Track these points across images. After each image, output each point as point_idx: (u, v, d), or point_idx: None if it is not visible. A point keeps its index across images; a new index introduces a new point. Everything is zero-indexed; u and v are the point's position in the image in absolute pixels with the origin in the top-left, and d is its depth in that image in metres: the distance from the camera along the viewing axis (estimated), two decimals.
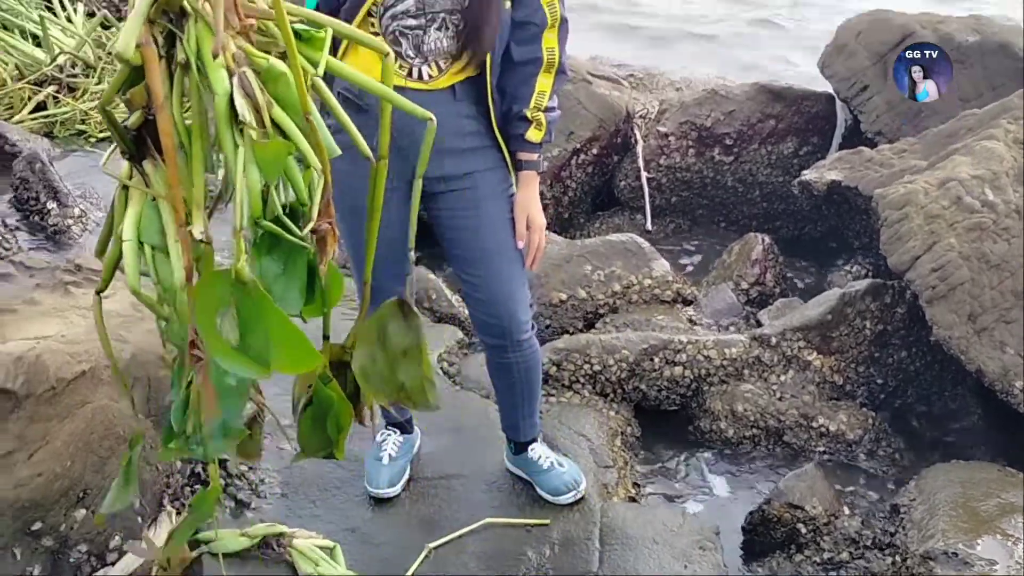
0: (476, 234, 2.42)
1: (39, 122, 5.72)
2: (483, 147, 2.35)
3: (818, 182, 4.07)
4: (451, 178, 2.36)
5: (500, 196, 2.41)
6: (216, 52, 1.50)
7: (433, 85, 2.26)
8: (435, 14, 2.18)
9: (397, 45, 2.21)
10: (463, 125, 2.31)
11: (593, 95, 4.78)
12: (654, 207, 4.78)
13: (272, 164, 1.55)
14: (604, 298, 3.82)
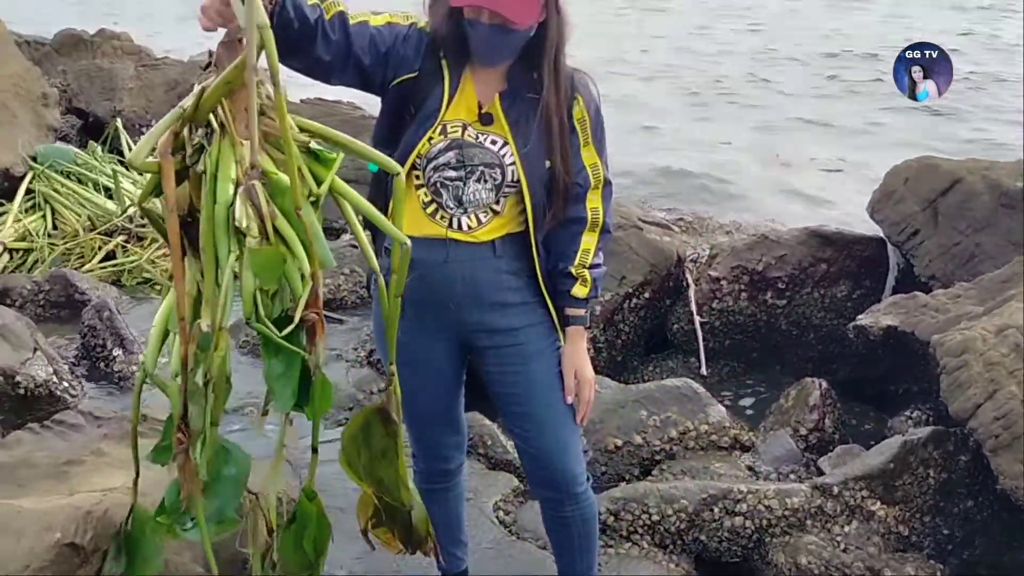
0: (525, 390, 2.44)
1: (108, 271, 5.93)
2: (527, 303, 2.38)
3: (874, 327, 4.06)
4: (496, 331, 2.39)
5: (547, 352, 2.43)
6: (253, 163, 1.65)
7: (473, 237, 2.31)
8: (474, 167, 2.26)
9: (438, 196, 2.28)
10: (503, 280, 2.35)
11: (644, 240, 4.86)
12: (708, 351, 4.78)
13: (266, 269, 1.66)
14: (660, 444, 3.80)
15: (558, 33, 2.23)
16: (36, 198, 6.49)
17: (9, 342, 4.15)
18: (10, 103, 7.19)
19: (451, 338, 2.44)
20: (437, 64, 2.26)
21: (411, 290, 2.36)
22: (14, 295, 5.36)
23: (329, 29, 2.13)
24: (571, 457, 2.49)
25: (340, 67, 2.20)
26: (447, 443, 2.64)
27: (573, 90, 2.29)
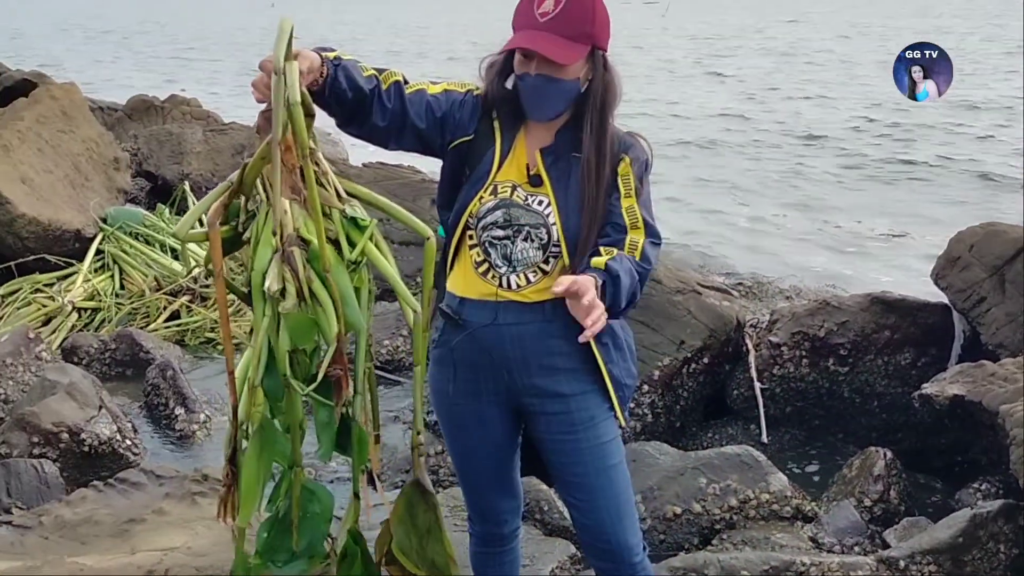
0: (576, 459, 2.41)
1: (172, 330, 6.04)
2: (577, 369, 2.36)
3: (940, 396, 3.97)
4: (545, 395, 2.38)
5: (599, 421, 2.40)
6: (285, 232, 1.83)
7: (525, 297, 2.32)
8: (520, 227, 2.29)
9: (487, 255, 2.32)
10: (553, 345, 2.34)
11: (703, 305, 4.83)
12: (768, 418, 4.70)
13: (299, 331, 1.83)
14: (720, 513, 3.74)
15: (603, 91, 2.27)
16: (105, 258, 6.68)
17: (76, 400, 4.24)
18: (83, 167, 7.44)
19: (503, 402, 2.44)
20: (490, 126, 2.34)
21: (462, 351, 2.39)
22: (81, 353, 5.48)
23: (386, 98, 2.23)
24: (626, 527, 2.45)
25: (397, 133, 2.29)
26: (502, 507, 2.63)
27: (621, 150, 2.31)
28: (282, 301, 1.83)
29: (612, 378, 2.36)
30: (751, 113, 18.64)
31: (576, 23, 2.19)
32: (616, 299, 2.15)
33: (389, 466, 4.33)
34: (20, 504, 3.52)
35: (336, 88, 2.12)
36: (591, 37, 2.22)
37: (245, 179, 1.90)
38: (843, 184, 12.37)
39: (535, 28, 2.19)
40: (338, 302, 1.86)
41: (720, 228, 9.96)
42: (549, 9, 2.18)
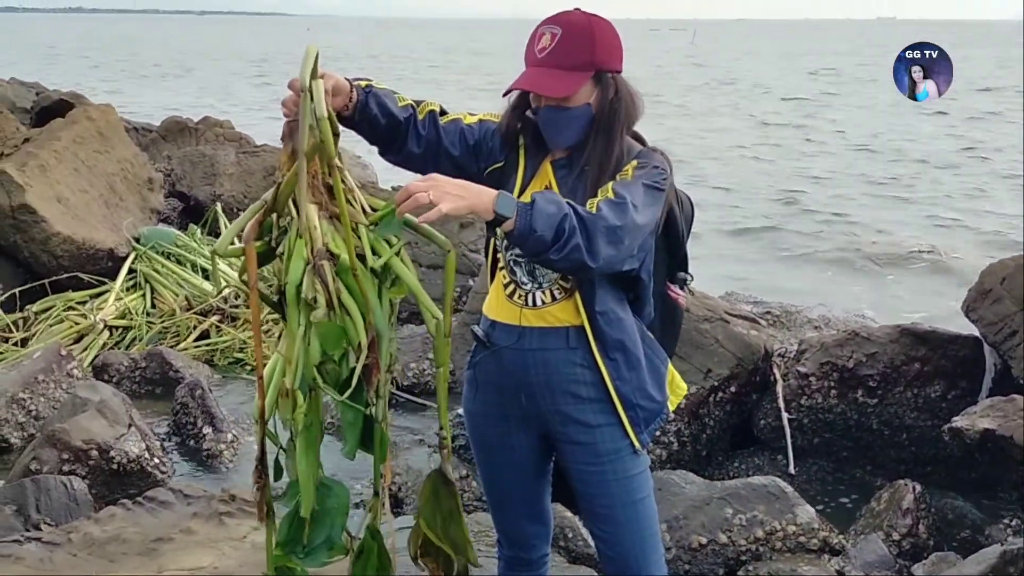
0: (602, 491, 2.40)
1: (202, 350, 6.08)
2: (601, 399, 2.35)
3: (970, 430, 3.93)
4: (569, 421, 2.37)
5: (624, 454, 2.38)
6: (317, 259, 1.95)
7: (546, 320, 2.33)
8: None
9: (513, 274, 2.35)
10: (577, 373, 2.33)
11: (731, 334, 4.82)
12: (796, 448, 4.67)
13: (329, 339, 1.96)
14: (746, 544, 3.71)
15: (611, 110, 2.28)
16: (137, 277, 6.75)
17: (106, 417, 4.28)
18: (118, 186, 7.54)
19: (530, 427, 2.44)
20: (517, 154, 2.38)
21: (489, 373, 2.42)
22: (112, 371, 5.54)
23: (421, 127, 2.32)
24: (651, 562, 2.44)
25: (433, 159, 2.35)
26: (529, 532, 2.62)
27: (630, 159, 2.28)
28: (314, 310, 1.95)
29: (620, 396, 2.34)
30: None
31: (573, 54, 2.23)
32: (532, 223, 2.02)
33: (414, 489, 4.34)
34: (49, 520, 3.55)
35: (367, 113, 2.21)
36: (592, 64, 2.24)
37: (279, 197, 2.01)
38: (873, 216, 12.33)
39: (535, 65, 2.25)
40: (367, 310, 1.98)
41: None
42: (546, 44, 2.24)
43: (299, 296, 1.95)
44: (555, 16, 2.28)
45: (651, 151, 2.34)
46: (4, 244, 6.72)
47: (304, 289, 1.95)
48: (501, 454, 2.50)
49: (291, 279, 1.95)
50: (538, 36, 2.26)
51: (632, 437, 2.36)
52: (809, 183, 15.60)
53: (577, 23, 2.24)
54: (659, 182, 2.26)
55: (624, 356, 2.34)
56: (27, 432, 4.80)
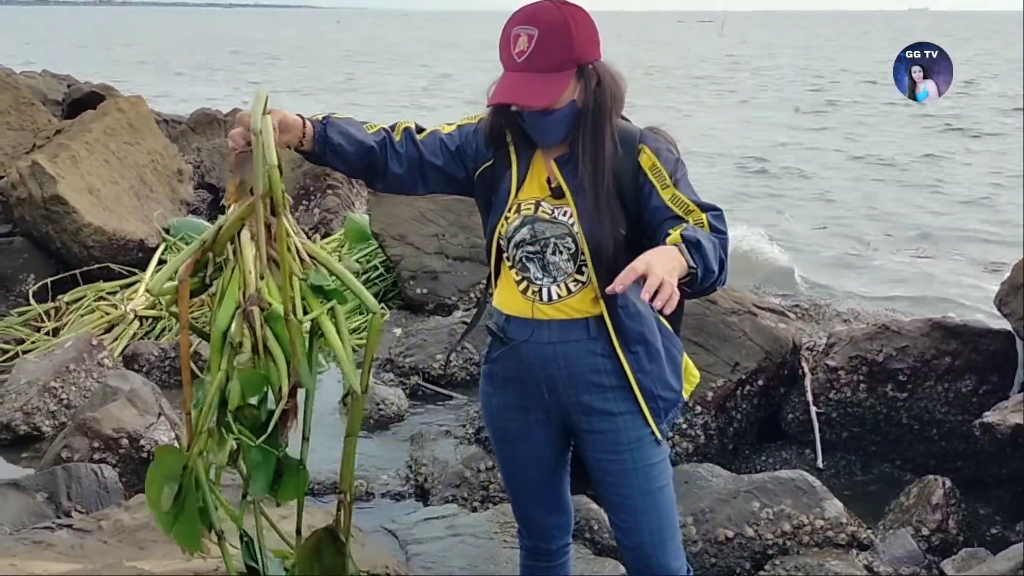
0: (621, 479, 2.41)
1: None
2: (624, 387, 2.34)
3: (1001, 424, 3.88)
4: (592, 412, 2.37)
5: (645, 442, 2.38)
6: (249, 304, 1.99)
7: (564, 312, 2.33)
8: (547, 239, 2.30)
9: (525, 271, 2.34)
10: (599, 363, 2.34)
11: (759, 327, 4.79)
12: (824, 442, 4.64)
13: (250, 385, 2.00)
14: (773, 538, 3.69)
15: (597, 101, 2.24)
16: None
17: (136, 406, 4.32)
18: (148, 178, 7.61)
19: (550, 419, 2.45)
20: (506, 150, 2.37)
21: (508, 367, 2.42)
22: (142, 361, 5.59)
23: (398, 146, 2.33)
24: (668, 552, 2.44)
25: (419, 175, 2.37)
26: (549, 523, 2.63)
27: (637, 143, 2.27)
28: (238, 354, 2.01)
29: (642, 388, 2.34)
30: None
31: (553, 54, 2.16)
32: (706, 263, 2.01)
33: (440, 480, 4.35)
34: (80, 508, 3.60)
35: (330, 143, 2.23)
36: (573, 60, 2.19)
37: (219, 238, 2.05)
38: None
39: (514, 70, 2.18)
40: (292, 358, 2.02)
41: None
42: (524, 48, 2.16)
43: (224, 339, 2.01)
44: (527, 13, 2.19)
45: (653, 134, 2.32)
46: (36, 235, 6.80)
47: (232, 333, 1.99)
48: (521, 446, 2.50)
49: (219, 322, 2.00)
50: (513, 38, 2.18)
51: (653, 427, 2.37)
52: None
53: (552, 20, 2.16)
54: (683, 163, 2.29)
55: (645, 348, 2.34)
56: (58, 420, 4.85)
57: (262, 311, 1.99)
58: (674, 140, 2.34)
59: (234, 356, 1.99)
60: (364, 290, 2.16)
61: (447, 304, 6.69)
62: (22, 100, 9.16)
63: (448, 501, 4.23)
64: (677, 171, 2.25)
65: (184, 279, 2.02)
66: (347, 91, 31.34)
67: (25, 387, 4.94)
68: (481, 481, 4.33)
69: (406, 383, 5.58)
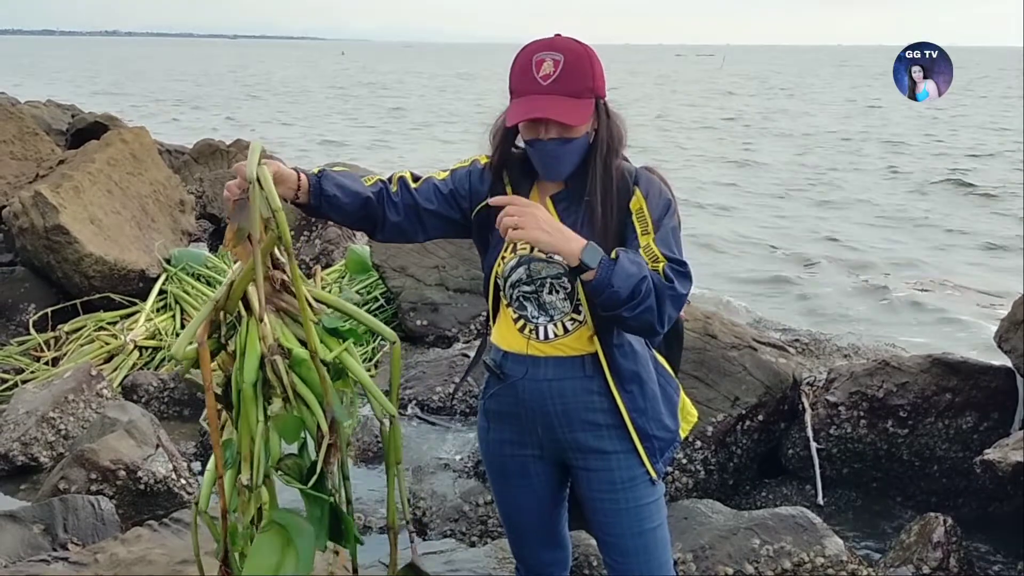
0: (613, 519, 2.41)
1: None
2: (619, 426, 2.35)
3: (1003, 462, 3.87)
4: (587, 451, 2.38)
5: (639, 482, 2.39)
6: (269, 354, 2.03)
7: (561, 349, 2.34)
8: (543, 279, 2.32)
9: (522, 309, 2.35)
10: (595, 401, 2.34)
11: (759, 361, 4.78)
12: (824, 479, 4.62)
13: (288, 431, 2.03)
14: (773, 575, 3.66)
15: (608, 136, 2.28)
16: (168, 298, 6.80)
17: (134, 437, 4.31)
18: (150, 208, 7.63)
19: (546, 456, 2.45)
20: (502, 189, 2.38)
21: (505, 403, 2.43)
22: (141, 391, 5.58)
23: (394, 195, 2.37)
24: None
25: (417, 222, 2.39)
26: (546, 558, 2.62)
27: (632, 184, 2.28)
28: (270, 406, 2.04)
29: (636, 427, 2.34)
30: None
31: (579, 80, 2.20)
32: (612, 280, 2.06)
33: (438, 514, 4.33)
34: (76, 540, 3.57)
35: (325, 195, 2.26)
36: (593, 91, 2.23)
37: (231, 297, 2.08)
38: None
39: (539, 93, 2.19)
40: (324, 397, 2.04)
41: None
42: (550, 72, 2.18)
43: (256, 392, 2.02)
44: (547, 42, 2.23)
45: (648, 174, 2.33)
46: (38, 264, 6.81)
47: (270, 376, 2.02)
48: (518, 482, 2.50)
49: (247, 377, 2.01)
50: (537, 63, 2.20)
51: (648, 467, 2.37)
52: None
53: (576, 49, 2.22)
54: (677, 213, 2.30)
55: (640, 388, 2.35)
56: (56, 451, 4.84)
57: (285, 358, 2.02)
58: (668, 180, 2.35)
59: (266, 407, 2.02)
60: (378, 322, 2.21)
61: (447, 336, 6.69)
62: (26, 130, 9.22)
63: (446, 535, 4.21)
64: (663, 217, 2.25)
65: (203, 341, 2.04)
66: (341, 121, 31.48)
67: (24, 417, 4.92)
68: (480, 515, 4.31)
69: (405, 415, 5.57)
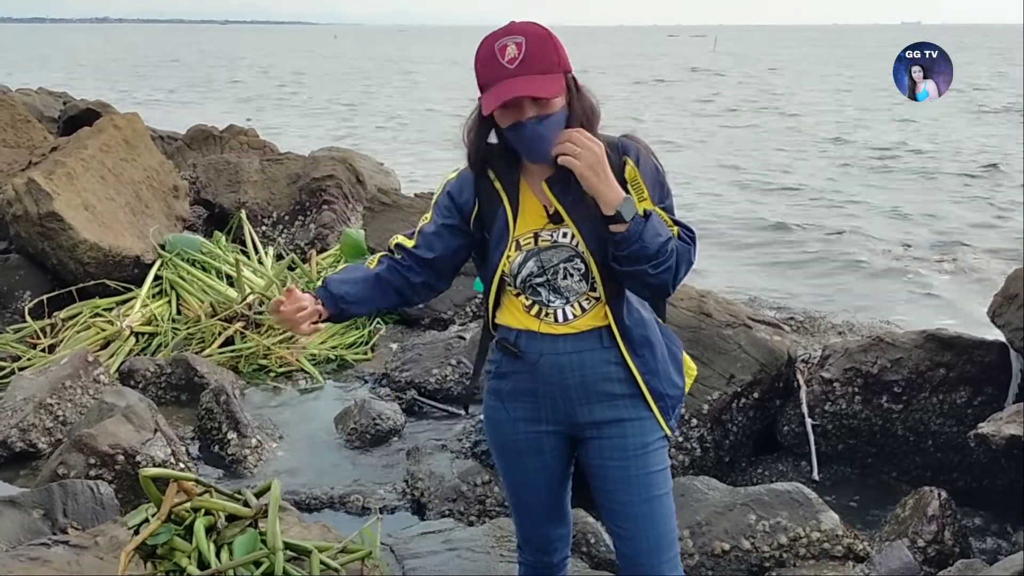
0: (624, 486, 2.43)
1: (227, 356, 6.12)
2: (635, 395, 2.39)
3: (996, 435, 3.89)
4: (602, 423, 2.41)
5: (651, 449, 2.42)
6: None
7: (578, 327, 2.36)
8: (555, 267, 2.34)
9: (536, 296, 2.38)
10: (612, 371, 2.38)
11: (754, 339, 4.80)
12: (820, 454, 4.64)
13: None
14: (770, 550, 3.69)
15: (583, 108, 2.29)
16: (163, 284, 6.80)
17: (132, 423, 4.32)
18: (144, 194, 7.61)
19: (560, 431, 2.47)
20: (490, 185, 2.39)
21: (521, 381, 2.44)
22: (138, 377, 5.59)
23: (404, 261, 2.45)
24: (663, 560, 2.45)
25: (433, 272, 2.48)
26: (553, 535, 2.65)
27: (621, 154, 2.31)
28: None
29: (651, 389, 2.39)
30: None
31: (545, 57, 2.22)
32: (640, 231, 2.17)
33: (436, 494, 4.35)
34: (76, 524, 3.59)
35: (339, 298, 2.37)
36: (560, 66, 2.25)
37: None
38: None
39: (509, 76, 2.20)
40: None
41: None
42: (515, 55, 2.20)
43: None
44: (506, 29, 2.25)
45: (634, 141, 2.36)
46: (32, 251, 6.80)
47: None
48: (532, 459, 2.52)
49: None
50: (500, 49, 2.21)
51: (663, 425, 2.42)
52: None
53: (535, 30, 2.24)
54: (664, 175, 2.36)
55: (650, 350, 2.39)
56: (55, 437, 4.85)
57: None
58: (648, 148, 2.37)
59: None
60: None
61: (443, 319, 6.70)
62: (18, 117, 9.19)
63: (445, 515, 4.23)
64: (655, 184, 2.32)
65: None
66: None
67: (21, 404, 4.93)
68: (478, 495, 4.33)
69: (402, 398, 5.58)
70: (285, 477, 4.58)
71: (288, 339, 6.20)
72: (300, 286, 6.93)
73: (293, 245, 8.24)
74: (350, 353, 6.33)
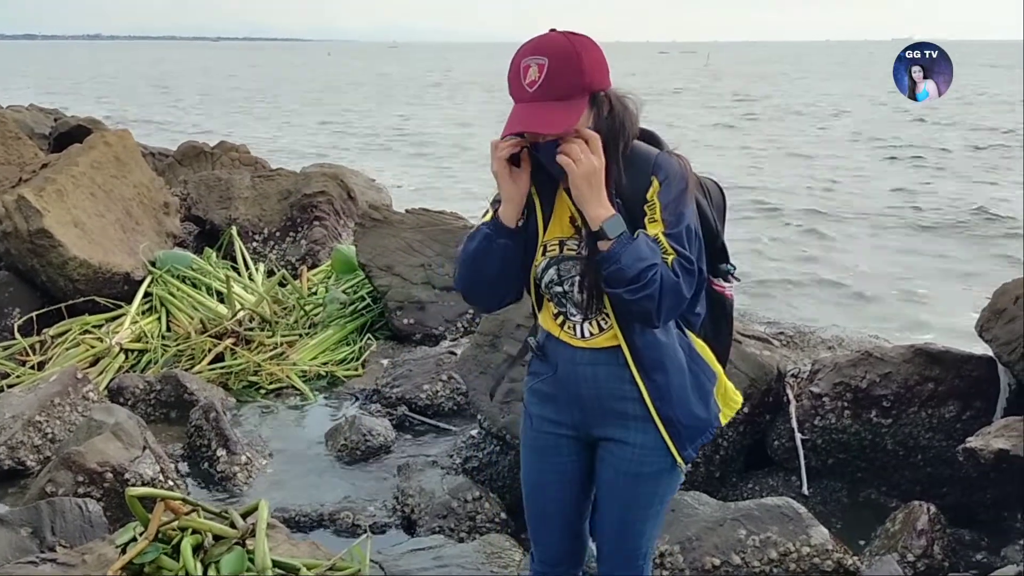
0: (622, 503, 2.48)
1: (217, 372, 6.10)
2: (644, 417, 2.38)
3: (984, 450, 3.90)
4: (615, 441, 2.43)
5: (661, 476, 2.45)
6: None
7: (596, 344, 2.38)
8: (571, 278, 2.35)
9: (561, 306, 2.40)
10: (626, 390, 2.38)
11: (743, 354, 4.80)
12: (809, 469, 4.64)
13: None
14: (760, 565, 3.69)
15: (610, 128, 2.21)
16: (153, 301, 6.79)
17: (121, 440, 4.30)
18: (134, 211, 7.61)
19: (578, 436, 2.51)
20: (529, 195, 2.36)
21: (546, 383, 2.48)
22: (127, 394, 5.57)
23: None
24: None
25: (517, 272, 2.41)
26: (563, 549, 2.65)
27: (652, 170, 2.24)
28: None
29: (661, 415, 2.36)
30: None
31: (565, 82, 2.13)
32: (621, 257, 2.14)
33: (427, 511, 4.34)
34: (64, 542, 3.57)
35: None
36: (586, 88, 2.16)
37: None
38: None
39: (526, 100, 2.15)
40: None
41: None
42: (535, 78, 2.13)
43: None
44: (534, 44, 2.16)
45: (668, 159, 2.27)
46: (22, 268, 6.78)
47: None
48: (550, 459, 2.55)
49: None
50: (523, 69, 2.14)
51: (675, 453, 2.39)
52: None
53: (561, 48, 2.14)
54: (689, 199, 2.26)
55: (664, 375, 2.35)
56: (43, 455, 4.83)
57: None
58: (687, 166, 2.29)
59: None
60: None
61: (434, 334, 6.70)
62: (9, 134, 9.18)
63: (435, 532, 4.22)
64: (669, 205, 2.22)
65: None
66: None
67: (10, 421, 4.91)
68: (468, 511, 4.33)
69: (393, 414, 5.58)
70: (275, 493, 4.57)
71: (278, 356, 6.20)
72: (291, 303, 6.94)
73: (284, 261, 8.25)
74: (340, 369, 6.32)
